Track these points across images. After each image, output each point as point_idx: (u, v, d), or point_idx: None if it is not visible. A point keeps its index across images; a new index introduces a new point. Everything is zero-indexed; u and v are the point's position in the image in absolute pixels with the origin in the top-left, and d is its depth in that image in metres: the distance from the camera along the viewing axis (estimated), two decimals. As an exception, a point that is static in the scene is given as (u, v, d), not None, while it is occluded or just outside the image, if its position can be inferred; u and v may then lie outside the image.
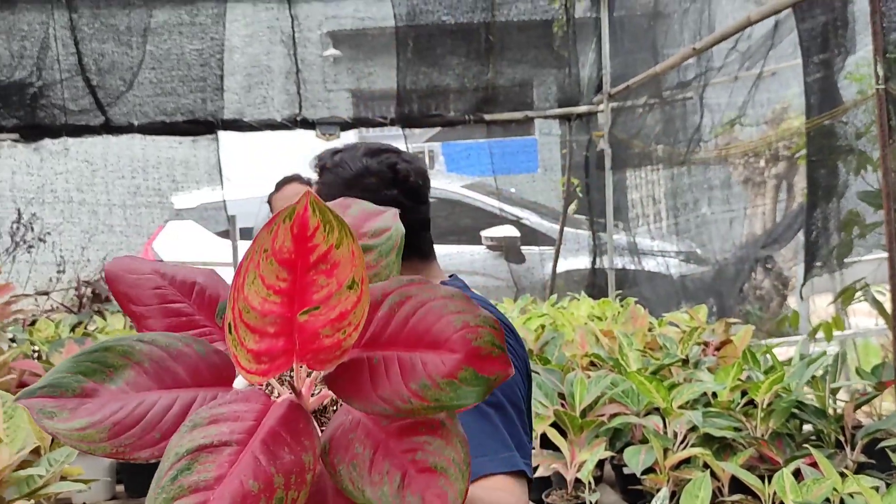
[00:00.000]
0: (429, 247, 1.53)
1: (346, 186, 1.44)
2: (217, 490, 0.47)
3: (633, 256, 5.28)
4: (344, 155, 1.48)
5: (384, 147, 1.50)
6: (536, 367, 2.67)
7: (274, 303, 0.51)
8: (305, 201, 0.48)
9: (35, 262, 4.37)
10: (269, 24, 4.70)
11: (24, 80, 4.44)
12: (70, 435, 0.54)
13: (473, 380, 0.52)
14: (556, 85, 5.36)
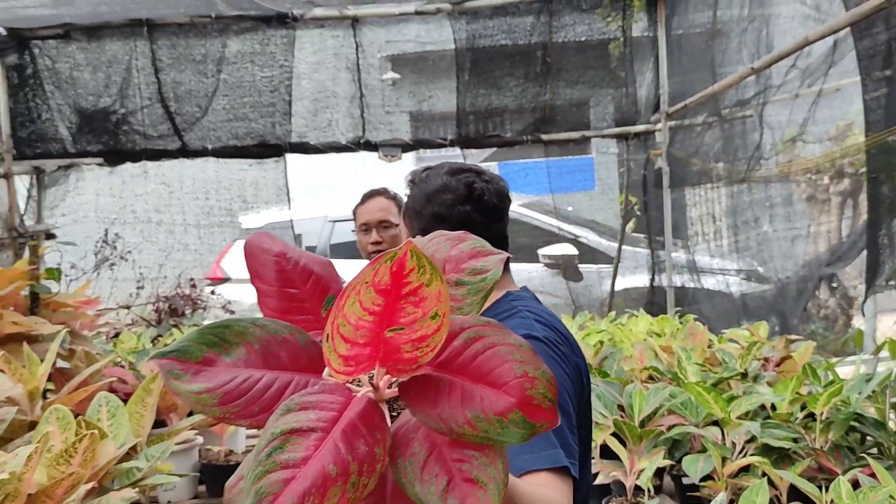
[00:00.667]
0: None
1: (426, 200, 1.58)
2: (303, 469, 0.55)
3: (692, 274, 5.29)
4: (430, 172, 1.61)
5: (467, 167, 1.61)
6: (596, 380, 2.74)
7: (367, 321, 0.60)
8: (406, 248, 0.58)
9: (117, 278, 4.63)
10: (334, 51, 4.90)
11: (108, 107, 4.73)
12: (189, 396, 0.64)
13: (521, 423, 0.60)
14: (613, 104, 5.44)
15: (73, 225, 4.79)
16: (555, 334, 1.49)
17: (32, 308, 2.70)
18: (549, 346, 1.44)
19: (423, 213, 1.59)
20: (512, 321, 1.51)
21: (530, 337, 1.43)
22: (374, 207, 2.90)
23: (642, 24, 5.22)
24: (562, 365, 1.45)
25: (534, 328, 1.47)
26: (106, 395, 1.83)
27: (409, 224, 1.64)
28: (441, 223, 1.56)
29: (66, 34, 4.62)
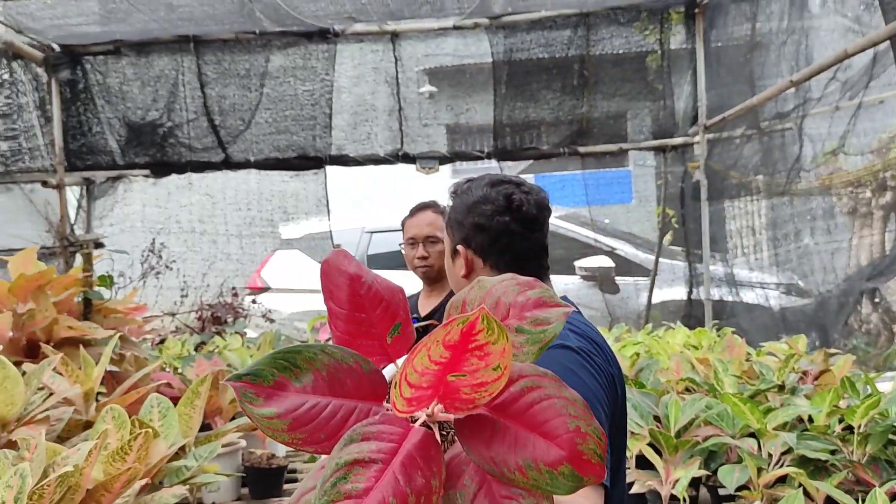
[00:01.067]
0: (539, 270, 1.66)
1: (467, 211, 1.64)
2: (365, 500, 0.58)
3: (730, 287, 5.26)
4: (472, 183, 1.67)
5: (507, 178, 1.66)
6: (632, 390, 2.75)
7: (432, 369, 0.63)
8: (479, 313, 0.61)
9: (162, 286, 4.76)
10: (374, 65, 4.99)
11: (155, 120, 4.87)
12: (261, 420, 0.66)
13: (570, 476, 0.63)
14: (650, 117, 5.44)
15: (121, 234, 4.93)
16: (588, 344, 1.51)
17: (85, 313, 2.80)
18: (581, 356, 1.46)
19: (464, 224, 1.64)
20: None
21: (563, 347, 1.46)
22: (421, 222, 2.88)
23: (680, 37, 5.23)
24: (594, 375, 1.47)
25: (567, 338, 1.50)
26: (158, 396, 1.90)
27: (451, 234, 1.69)
28: (481, 233, 1.62)
29: (116, 50, 4.78)
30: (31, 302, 2.51)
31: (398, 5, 4.54)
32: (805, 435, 2.23)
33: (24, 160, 4.97)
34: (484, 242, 1.63)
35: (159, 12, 4.34)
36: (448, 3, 4.55)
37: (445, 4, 4.56)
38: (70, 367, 2.07)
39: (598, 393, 1.45)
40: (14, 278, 2.47)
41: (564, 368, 1.45)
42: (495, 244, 1.63)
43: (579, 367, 1.45)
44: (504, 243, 1.63)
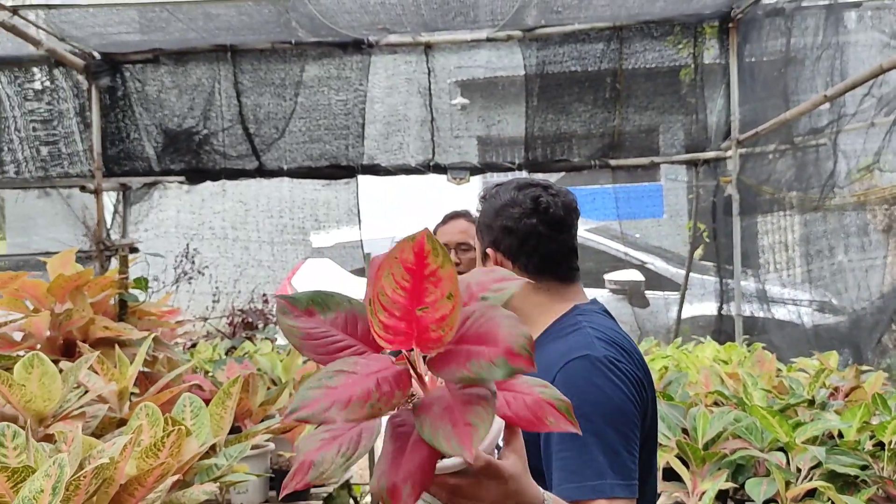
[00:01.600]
0: (568, 271, 1.67)
1: (495, 214, 1.67)
2: (337, 389, 0.82)
3: (761, 303, 5.20)
4: (500, 187, 1.70)
5: (534, 182, 1.69)
6: (660, 403, 2.74)
7: (400, 295, 0.84)
8: (423, 232, 0.83)
9: (194, 291, 4.84)
10: (407, 76, 5.04)
11: (191, 128, 4.97)
12: (285, 325, 0.91)
13: (503, 365, 0.84)
14: (682, 131, 5.43)
15: (155, 240, 5.02)
16: (615, 351, 1.51)
17: (120, 315, 2.86)
18: (605, 365, 1.47)
19: (493, 227, 1.68)
20: (574, 337, 1.56)
21: (586, 357, 1.48)
22: (454, 229, 2.90)
23: (713, 51, 5.22)
24: (619, 385, 1.46)
25: (593, 346, 1.50)
26: (190, 395, 1.94)
27: (480, 238, 1.73)
28: (509, 235, 1.65)
29: (155, 58, 4.89)
30: (68, 302, 2.57)
31: (432, 16, 4.59)
32: (835, 450, 2.21)
33: (63, 165, 5.09)
34: (512, 245, 1.66)
35: (198, 22, 4.43)
36: (482, 15, 4.59)
37: (479, 16, 4.60)
38: (105, 366, 2.12)
39: (624, 405, 1.45)
40: (53, 279, 2.53)
41: (587, 381, 1.45)
42: (523, 246, 1.65)
43: (602, 377, 1.46)
44: (532, 245, 1.65)
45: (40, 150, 5.05)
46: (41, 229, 5.44)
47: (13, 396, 1.78)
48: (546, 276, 1.66)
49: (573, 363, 1.49)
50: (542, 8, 4.56)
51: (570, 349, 1.52)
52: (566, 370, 1.48)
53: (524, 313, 1.66)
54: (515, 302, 1.66)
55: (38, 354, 1.87)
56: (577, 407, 1.31)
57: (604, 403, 1.44)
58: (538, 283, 1.65)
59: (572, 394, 1.32)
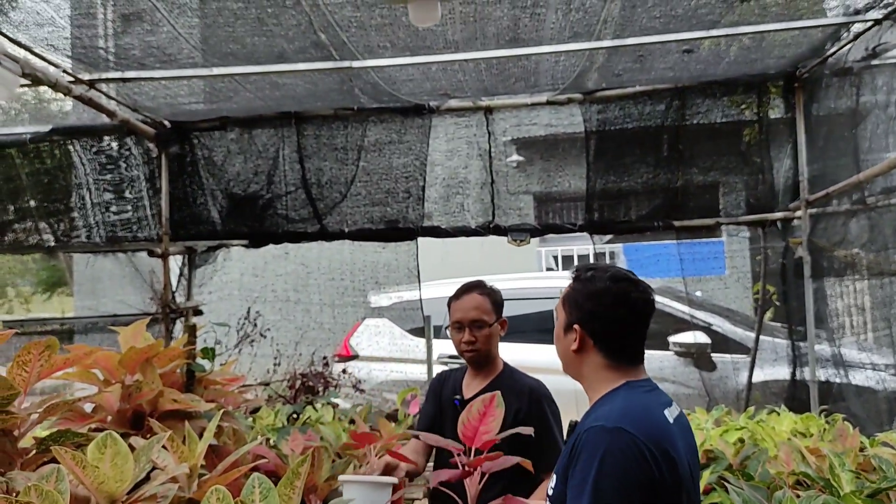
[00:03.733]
0: (635, 356, 1.98)
1: (588, 296, 1.97)
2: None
3: (837, 369, 4.98)
4: (596, 273, 2.00)
5: (627, 276, 1.99)
6: (740, 482, 2.61)
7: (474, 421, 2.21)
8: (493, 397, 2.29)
9: (256, 354, 4.85)
10: (467, 140, 5.07)
11: (255, 192, 5.06)
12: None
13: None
14: (746, 190, 5.30)
15: (219, 302, 5.08)
16: (632, 423, 1.79)
17: (188, 385, 2.86)
18: (614, 434, 1.76)
19: (583, 307, 1.97)
20: (602, 408, 1.89)
21: (604, 427, 1.79)
22: (467, 305, 2.86)
23: (778, 110, 5.12)
24: (627, 454, 1.74)
25: (610, 417, 1.81)
26: (259, 476, 1.90)
27: (568, 311, 2.01)
28: (597, 320, 1.95)
29: (222, 126, 5.01)
30: (138, 374, 2.58)
31: (492, 82, 4.62)
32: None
33: (131, 230, 5.22)
34: (597, 328, 1.95)
35: (264, 91, 4.54)
36: (542, 80, 4.60)
37: (539, 81, 4.61)
38: (175, 443, 2.10)
39: (623, 470, 1.72)
40: (124, 350, 2.55)
41: (595, 449, 1.76)
42: (607, 331, 1.95)
43: (609, 445, 1.74)
44: (615, 332, 1.95)
45: (110, 214, 5.19)
46: (109, 291, 5.57)
47: (87, 478, 1.77)
48: (620, 357, 1.96)
49: (589, 431, 1.79)
50: (603, 72, 4.55)
51: (595, 418, 1.83)
52: (584, 437, 1.79)
53: (590, 382, 2.00)
54: (587, 372, 2.01)
55: (111, 434, 1.86)
56: (585, 471, 1.74)
57: (609, 469, 1.72)
58: (612, 361, 1.96)
59: (583, 459, 1.76)
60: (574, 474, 1.78)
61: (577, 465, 1.78)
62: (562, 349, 2.04)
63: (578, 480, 1.75)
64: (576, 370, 2.04)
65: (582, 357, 1.99)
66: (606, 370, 1.96)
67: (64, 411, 2.27)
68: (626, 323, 1.93)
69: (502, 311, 2.94)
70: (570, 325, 1.98)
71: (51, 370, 2.06)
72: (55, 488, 1.66)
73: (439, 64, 4.24)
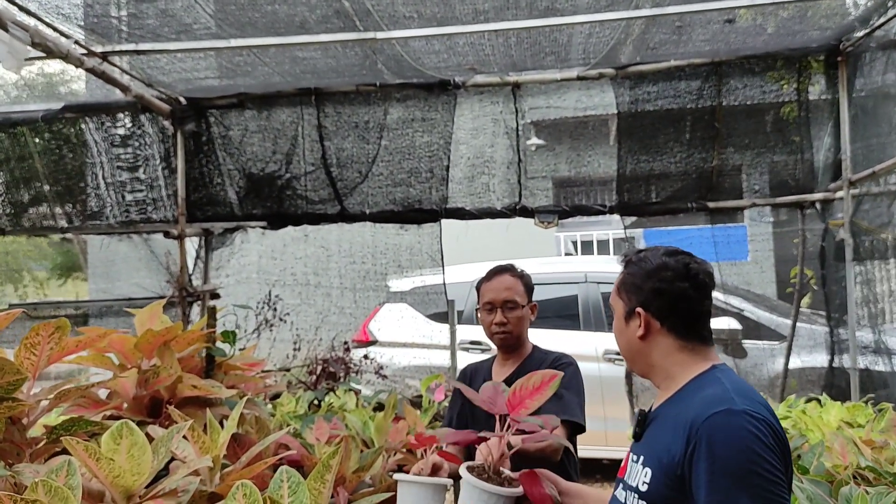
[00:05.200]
0: (708, 333, 1.82)
1: (646, 276, 1.82)
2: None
3: (879, 356, 4.77)
4: (647, 253, 1.87)
5: (679, 250, 1.86)
6: (799, 477, 2.43)
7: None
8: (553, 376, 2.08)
9: (275, 339, 4.70)
10: (493, 117, 4.87)
11: (274, 172, 4.88)
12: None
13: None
14: (785, 171, 5.08)
15: (237, 286, 4.92)
16: (754, 405, 1.63)
17: (207, 370, 2.71)
18: (747, 419, 1.58)
19: (643, 288, 1.83)
20: (712, 391, 1.69)
21: (731, 411, 1.60)
22: (499, 286, 2.79)
23: (819, 87, 4.89)
24: (760, 437, 1.56)
25: (733, 401, 1.63)
26: (288, 470, 1.74)
27: (627, 297, 1.87)
28: (661, 297, 1.80)
29: (240, 103, 4.84)
30: (155, 358, 2.43)
31: (521, 56, 4.42)
32: None
33: (146, 211, 5.06)
34: (662, 306, 1.80)
35: (284, 65, 4.36)
36: (573, 54, 4.39)
37: (570, 55, 4.41)
38: (196, 433, 1.94)
39: (763, 453, 1.55)
40: (140, 333, 2.39)
41: (729, 436, 1.57)
42: (674, 308, 1.79)
43: (743, 430, 1.56)
44: (682, 308, 1.79)
45: (125, 195, 5.03)
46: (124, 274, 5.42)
47: (101, 471, 1.61)
48: (691, 336, 1.80)
49: (715, 417, 1.59)
50: (637, 45, 4.34)
51: (710, 403, 1.63)
52: (708, 425, 1.59)
53: (664, 370, 1.83)
54: (658, 359, 1.83)
55: (127, 423, 1.70)
56: (723, 462, 1.55)
57: (748, 456, 1.54)
58: (684, 342, 1.80)
59: (716, 449, 1.56)
60: (703, 470, 1.58)
61: (704, 460, 1.58)
62: (625, 341, 1.88)
63: (719, 476, 1.55)
64: (645, 361, 1.86)
65: (650, 344, 1.82)
66: (681, 352, 1.80)
67: (76, 398, 2.11)
68: (691, 298, 1.77)
69: (532, 295, 2.86)
70: (632, 310, 1.84)
71: (62, 353, 1.90)
72: (66, 483, 1.50)
73: (466, 37, 4.05)
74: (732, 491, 1.52)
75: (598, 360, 6.05)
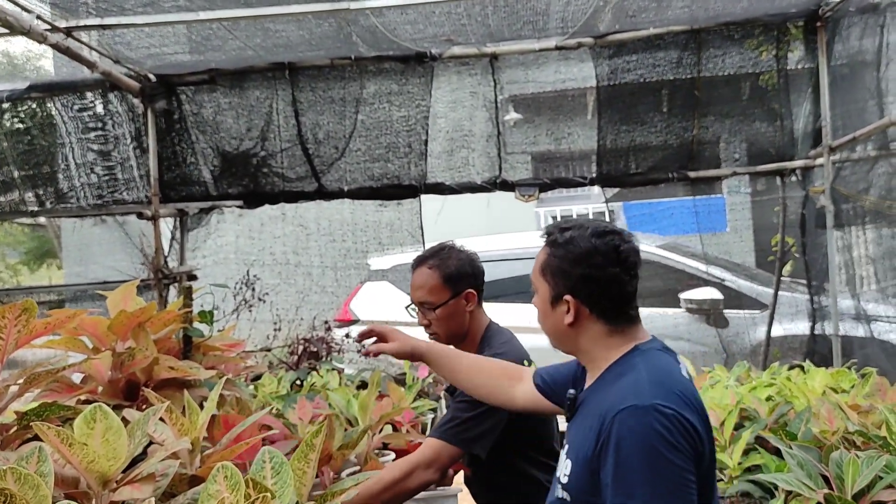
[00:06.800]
0: (635, 311, 1.77)
1: (574, 261, 1.72)
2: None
3: (858, 322, 4.80)
4: (573, 233, 1.74)
5: (609, 229, 1.74)
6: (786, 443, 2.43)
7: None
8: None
9: (255, 320, 4.62)
10: (471, 90, 4.80)
11: (249, 150, 4.78)
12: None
13: None
14: (765, 139, 5.06)
15: (214, 266, 4.84)
16: (665, 395, 1.58)
17: (185, 352, 2.64)
18: (654, 415, 1.54)
19: (572, 274, 1.73)
20: (627, 381, 1.65)
21: (637, 407, 1.56)
22: (414, 283, 2.58)
23: (798, 53, 4.86)
24: (666, 435, 1.53)
25: (642, 394, 1.59)
26: (270, 451, 1.68)
27: (553, 281, 1.76)
28: (591, 283, 1.72)
29: (211, 79, 4.72)
30: (130, 340, 2.35)
31: (499, 26, 4.34)
32: None
33: (119, 192, 4.95)
34: (593, 293, 1.72)
35: (255, 39, 4.25)
36: (551, 23, 4.32)
37: (549, 24, 4.33)
38: (174, 415, 1.88)
39: (668, 453, 1.52)
40: (113, 315, 2.31)
41: (635, 434, 1.53)
42: (605, 294, 1.72)
43: (648, 429, 1.53)
44: (613, 293, 1.72)
45: (96, 176, 4.91)
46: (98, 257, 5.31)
47: (74, 457, 1.54)
48: (620, 319, 1.75)
49: (622, 414, 1.55)
50: (616, 12, 4.28)
51: (622, 396, 1.60)
52: (617, 421, 1.55)
53: (591, 354, 1.78)
54: (585, 344, 1.77)
55: (100, 407, 1.63)
56: (627, 462, 1.52)
57: (652, 457, 1.51)
58: (613, 326, 1.74)
59: (621, 449, 1.53)
60: (609, 468, 1.56)
61: (611, 454, 1.56)
62: (550, 325, 1.80)
63: (623, 476, 1.54)
64: (572, 345, 1.80)
65: (578, 330, 1.76)
66: (609, 336, 1.74)
67: (49, 382, 2.04)
68: (622, 281, 1.70)
69: (467, 280, 2.52)
70: (559, 296, 1.74)
71: (30, 336, 1.82)
72: (37, 470, 1.44)
73: (442, 6, 3.96)
74: (636, 492, 1.50)
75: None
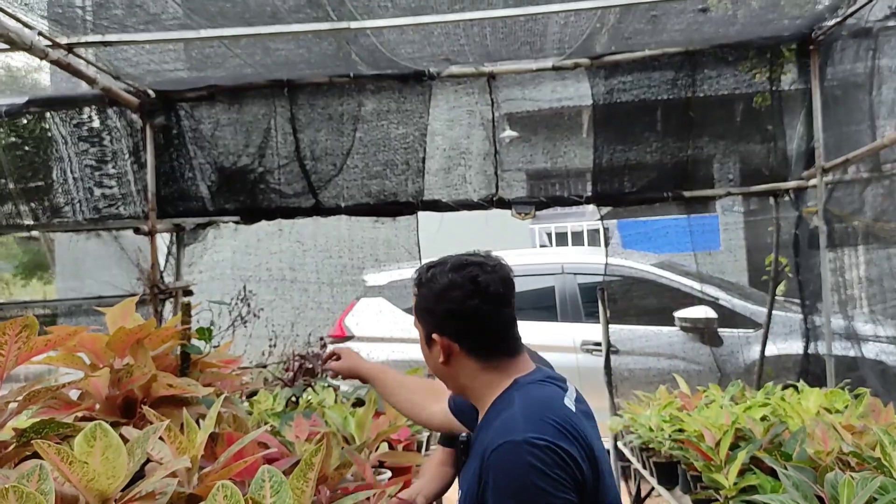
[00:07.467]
0: (512, 343, 1.74)
1: (436, 298, 1.71)
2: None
3: (851, 342, 4.83)
4: (435, 270, 1.74)
5: (469, 261, 1.72)
6: (781, 463, 2.44)
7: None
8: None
9: (251, 336, 4.62)
10: (469, 108, 4.83)
11: (246, 166, 4.80)
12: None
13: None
14: (758, 160, 5.11)
15: (210, 282, 4.84)
16: (539, 429, 1.56)
17: (182, 368, 2.64)
18: (528, 450, 1.53)
19: (436, 311, 1.73)
20: (503, 418, 1.62)
21: (511, 443, 1.54)
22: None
23: (791, 76, 4.92)
24: (542, 468, 1.51)
25: (516, 429, 1.56)
26: (270, 469, 1.69)
27: (424, 322, 1.77)
28: (453, 319, 1.70)
29: (210, 96, 4.74)
30: (128, 357, 2.36)
31: (496, 47, 4.38)
32: None
33: (116, 206, 4.95)
34: (458, 328, 1.71)
35: (255, 57, 4.28)
36: (548, 44, 4.36)
37: (546, 45, 4.38)
38: (173, 433, 1.88)
39: (543, 487, 1.51)
40: (112, 331, 2.32)
41: (508, 471, 1.52)
42: (469, 328, 1.70)
43: (523, 464, 1.50)
44: (477, 326, 1.70)
45: (93, 191, 4.92)
46: (93, 272, 5.30)
47: (74, 475, 1.55)
48: (493, 353, 1.72)
49: (497, 452, 1.55)
50: (612, 34, 4.32)
51: (498, 433, 1.58)
52: (493, 459, 1.55)
53: (473, 391, 1.75)
54: (465, 382, 1.75)
55: (100, 425, 1.64)
56: (505, 498, 1.51)
57: (529, 492, 1.49)
58: (486, 362, 1.71)
59: (500, 484, 1.52)
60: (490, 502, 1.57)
61: (490, 493, 1.56)
62: (432, 366, 1.80)
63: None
64: (455, 384, 1.80)
65: (454, 368, 1.75)
66: (485, 373, 1.72)
67: (47, 399, 2.04)
68: (484, 313, 1.68)
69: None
70: (429, 335, 1.75)
71: (30, 353, 1.83)
72: (38, 488, 1.44)
73: (441, 27, 4.00)
74: None
75: (576, 350, 6.06)
